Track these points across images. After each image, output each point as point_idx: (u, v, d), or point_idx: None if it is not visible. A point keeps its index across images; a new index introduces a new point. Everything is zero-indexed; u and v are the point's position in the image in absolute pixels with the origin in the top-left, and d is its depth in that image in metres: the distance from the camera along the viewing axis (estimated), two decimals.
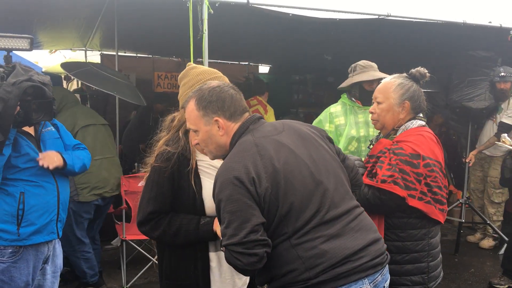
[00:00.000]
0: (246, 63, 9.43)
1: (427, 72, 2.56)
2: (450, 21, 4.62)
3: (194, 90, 1.97)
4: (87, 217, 4.32)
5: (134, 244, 4.65)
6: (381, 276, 1.86)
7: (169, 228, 2.08)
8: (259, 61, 9.60)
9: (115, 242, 5.40)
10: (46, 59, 8.99)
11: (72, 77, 6.94)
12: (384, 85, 2.57)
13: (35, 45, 4.16)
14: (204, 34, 3.66)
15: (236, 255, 1.70)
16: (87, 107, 5.92)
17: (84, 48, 7.37)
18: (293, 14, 4.24)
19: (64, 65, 5.01)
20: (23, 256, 2.67)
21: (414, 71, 2.56)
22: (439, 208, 2.42)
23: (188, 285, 2.15)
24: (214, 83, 1.95)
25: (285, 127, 1.95)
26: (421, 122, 2.53)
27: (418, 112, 2.56)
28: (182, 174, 2.09)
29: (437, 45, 5.46)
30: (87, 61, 7.00)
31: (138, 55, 8.42)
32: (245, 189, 1.71)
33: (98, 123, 4.53)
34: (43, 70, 8.39)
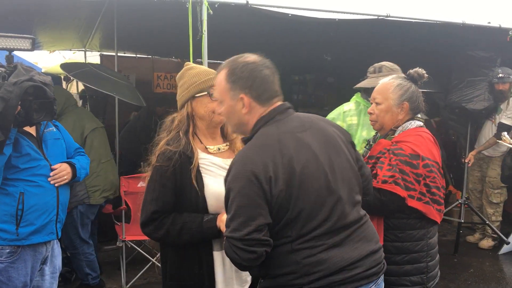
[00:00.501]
0: None
1: (425, 73, 2.56)
2: (449, 21, 4.64)
3: (229, 59, 1.90)
4: (92, 218, 4.42)
5: (134, 245, 4.65)
6: (375, 286, 1.86)
7: (172, 227, 2.07)
8: None
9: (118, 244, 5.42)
10: (45, 59, 9.00)
11: (71, 78, 6.95)
12: (383, 86, 2.57)
13: (34, 46, 4.18)
14: (203, 34, 3.67)
15: (235, 249, 1.69)
16: (86, 109, 5.93)
17: (83, 49, 7.38)
18: (292, 15, 4.24)
19: (64, 66, 5.02)
20: (21, 256, 2.67)
21: (412, 71, 2.57)
22: (437, 209, 2.43)
23: (192, 285, 2.14)
24: (251, 58, 1.86)
25: (312, 124, 1.89)
26: (419, 123, 2.53)
27: (417, 112, 2.57)
28: (184, 173, 2.10)
29: (436, 45, 5.46)
30: (87, 62, 7.00)
31: (138, 55, 8.41)
32: (259, 187, 1.68)
33: (99, 125, 4.60)
34: (43, 70, 8.38)
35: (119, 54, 6.57)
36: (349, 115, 3.38)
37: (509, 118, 5.33)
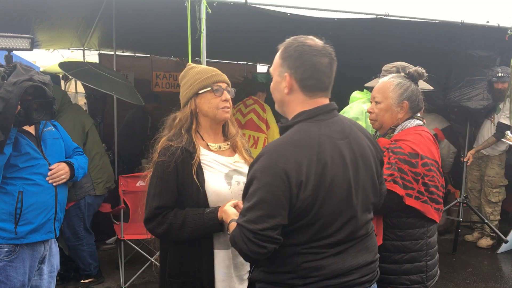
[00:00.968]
0: (245, 62, 9.44)
1: (425, 72, 2.57)
2: (448, 20, 4.64)
3: (293, 37, 1.88)
4: (97, 209, 4.66)
5: (132, 244, 4.65)
6: None
7: (175, 221, 2.08)
8: (257, 60, 9.60)
9: (111, 241, 5.45)
10: (44, 58, 9.01)
11: (70, 77, 6.94)
12: (382, 85, 2.57)
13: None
14: (202, 33, 3.67)
15: (245, 240, 1.66)
16: (78, 105, 5.94)
17: (82, 48, 7.38)
18: (291, 14, 4.24)
19: (62, 65, 5.01)
20: (19, 255, 2.67)
21: (412, 70, 2.57)
22: (435, 208, 2.43)
23: (191, 282, 2.15)
24: (310, 41, 1.82)
25: (351, 132, 1.84)
26: (419, 122, 2.53)
27: (416, 111, 2.56)
28: (185, 168, 2.11)
29: (435, 44, 5.47)
30: (85, 61, 7.00)
31: (136, 54, 8.42)
32: (288, 188, 1.64)
33: (92, 121, 4.75)
34: (41, 69, 8.37)
35: (117, 53, 6.58)
36: (368, 115, 3.37)
37: (508, 117, 5.34)
